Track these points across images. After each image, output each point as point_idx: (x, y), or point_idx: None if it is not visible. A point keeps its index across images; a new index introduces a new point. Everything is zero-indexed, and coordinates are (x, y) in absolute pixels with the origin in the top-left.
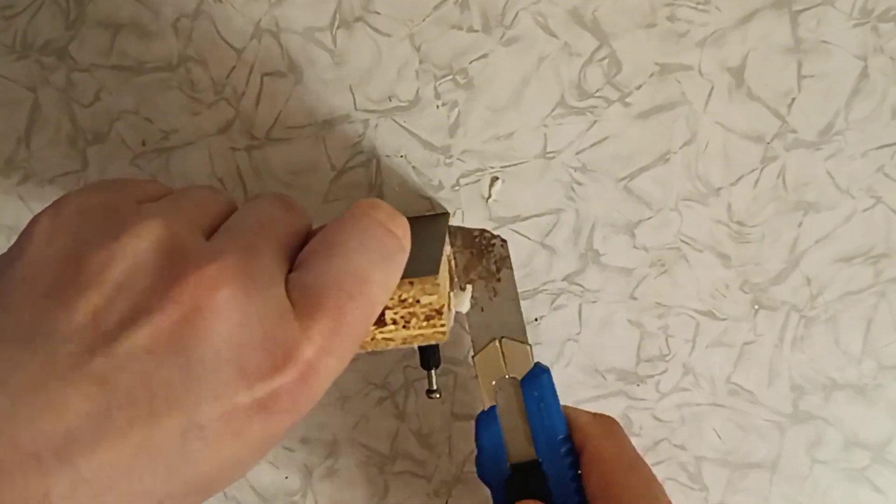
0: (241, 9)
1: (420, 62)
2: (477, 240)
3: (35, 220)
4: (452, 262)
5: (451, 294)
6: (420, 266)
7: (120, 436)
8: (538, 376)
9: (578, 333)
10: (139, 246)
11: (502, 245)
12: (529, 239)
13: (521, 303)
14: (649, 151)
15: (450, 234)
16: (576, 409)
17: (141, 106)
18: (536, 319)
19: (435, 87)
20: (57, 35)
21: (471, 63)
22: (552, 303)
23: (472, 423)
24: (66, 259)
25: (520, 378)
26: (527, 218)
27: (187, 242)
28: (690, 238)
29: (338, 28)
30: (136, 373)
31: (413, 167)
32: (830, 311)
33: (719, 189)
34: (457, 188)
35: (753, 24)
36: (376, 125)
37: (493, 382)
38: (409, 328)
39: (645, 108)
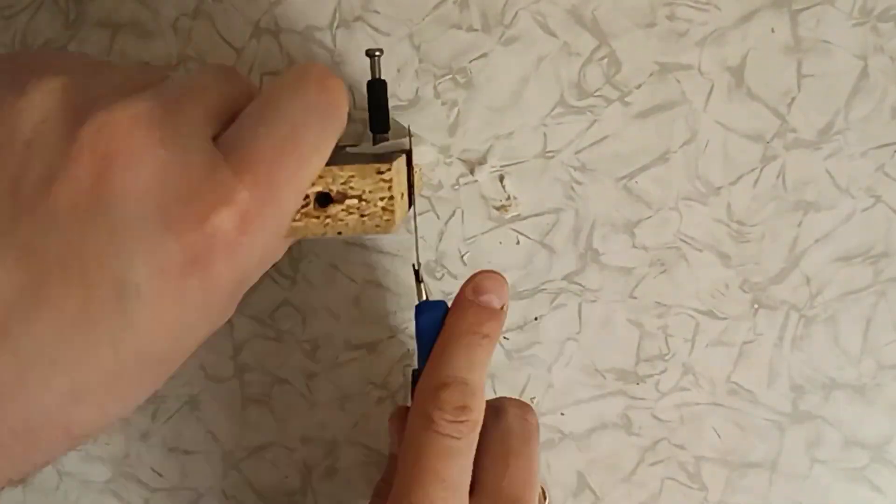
0: (240, 8)
1: (419, 61)
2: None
3: None
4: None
5: (405, 194)
6: (375, 160)
7: (54, 302)
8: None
9: (578, 333)
10: (42, 100)
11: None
12: (529, 238)
13: (521, 301)
14: (649, 151)
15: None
16: None
17: None
18: (536, 318)
19: (434, 87)
20: (56, 35)
21: (470, 62)
22: (552, 302)
23: None
24: None
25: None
26: (526, 217)
27: (98, 93)
28: (690, 237)
29: (337, 27)
30: (60, 236)
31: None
32: (830, 311)
33: (719, 188)
34: (456, 187)
35: (753, 23)
36: None
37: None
38: (360, 214)
39: (644, 108)
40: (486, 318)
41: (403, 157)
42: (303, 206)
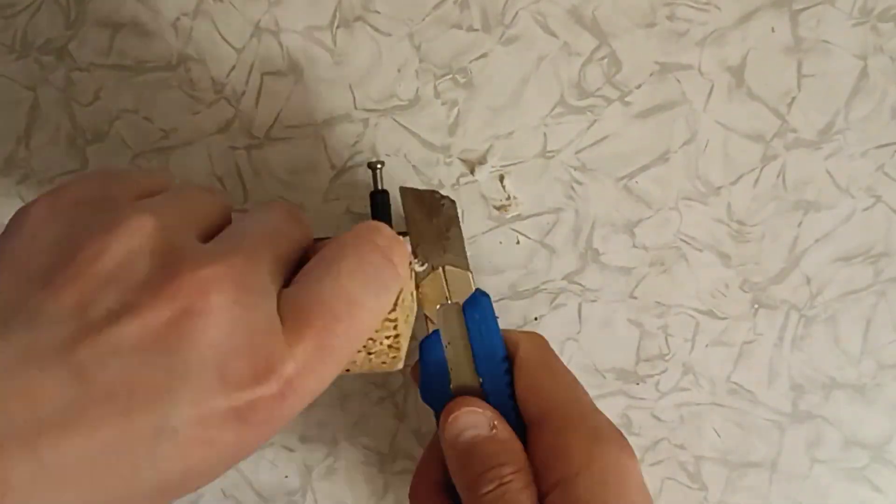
0: (240, 8)
1: (420, 61)
2: (427, 201)
3: (31, 205)
4: (413, 293)
5: (409, 323)
6: None
7: (90, 429)
8: (478, 300)
9: (578, 332)
10: (133, 240)
11: (451, 205)
12: (529, 238)
13: (520, 302)
14: (649, 151)
15: (402, 195)
16: (509, 329)
17: (140, 105)
18: (536, 318)
19: (435, 87)
20: (57, 34)
21: (470, 62)
22: (552, 302)
23: None
24: (57, 246)
25: (462, 302)
26: (526, 217)
27: (183, 243)
28: (690, 237)
29: (338, 27)
30: (117, 368)
31: (413, 166)
32: (830, 311)
33: (719, 188)
34: (456, 187)
35: (753, 23)
36: (376, 124)
37: (437, 307)
38: (367, 353)
39: (645, 108)
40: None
41: (410, 285)
42: None
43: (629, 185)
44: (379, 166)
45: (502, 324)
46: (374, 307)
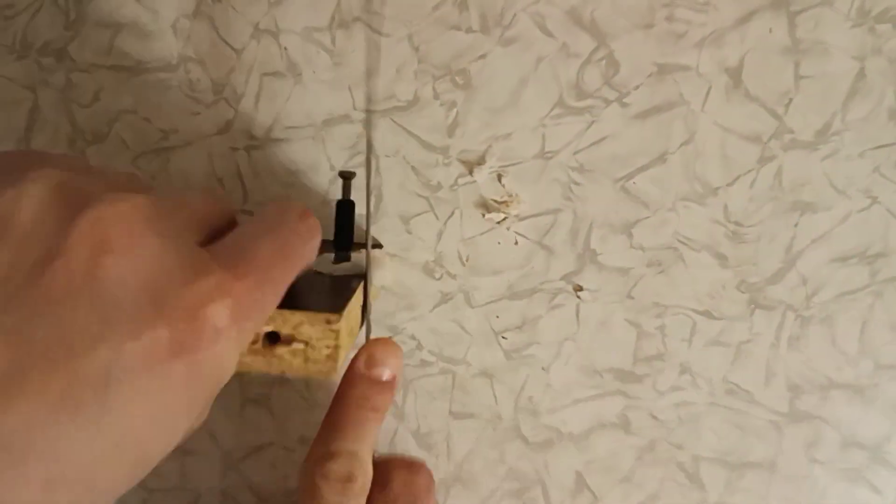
0: (240, 9)
1: (419, 62)
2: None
3: None
4: (359, 312)
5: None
6: (327, 303)
7: (36, 390)
8: None
9: (576, 333)
10: (40, 191)
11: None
12: (527, 239)
13: (519, 302)
14: (647, 152)
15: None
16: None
17: (140, 106)
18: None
19: (433, 88)
20: (56, 35)
21: (469, 63)
22: (550, 302)
23: (471, 422)
24: None
25: None
26: (525, 218)
27: (93, 186)
28: (688, 238)
29: (337, 28)
30: (50, 321)
31: (412, 167)
32: (827, 311)
33: (717, 189)
34: (455, 188)
35: (751, 24)
36: (375, 125)
37: None
38: (305, 358)
39: (643, 109)
40: (376, 391)
41: (359, 291)
42: (252, 343)
43: (627, 186)
44: (349, 176)
45: (501, 324)
46: (300, 251)
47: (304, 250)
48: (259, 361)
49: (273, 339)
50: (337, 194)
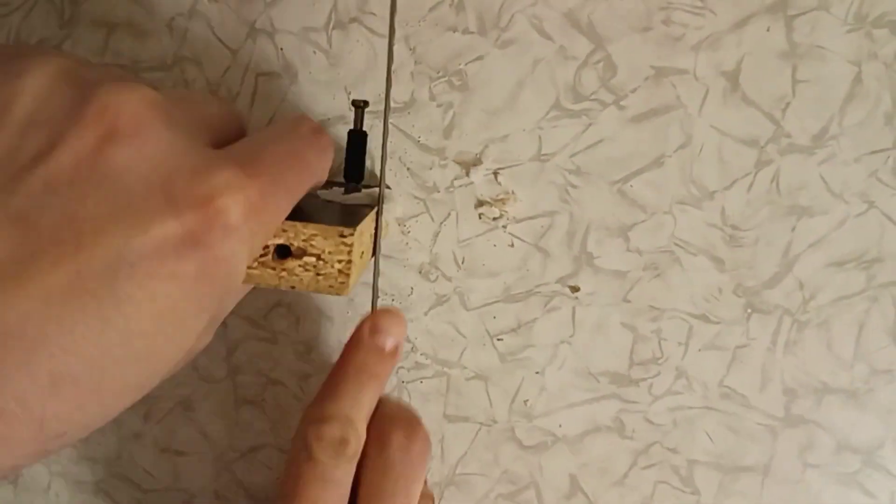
0: (236, 9)
1: (415, 63)
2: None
3: None
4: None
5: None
6: (340, 220)
7: (42, 275)
8: None
9: (571, 336)
10: (45, 77)
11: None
12: (524, 241)
13: (515, 304)
14: (644, 155)
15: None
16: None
17: None
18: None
19: (430, 89)
20: (51, 34)
21: (466, 65)
22: (545, 305)
23: (465, 425)
24: None
25: None
26: (521, 220)
27: (100, 75)
28: (684, 241)
29: (333, 29)
30: (57, 206)
31: (407, 169)
32: (823, 316)
33: (713, 193)
34: (451, 190)
35: (748, 28)
36: (371, 126)
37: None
38: (316, 273)
39: (640, 112)
40: (378, 359)
41: (370, 216)
42: (261, 256)
43: (624, 189)
44: (362, 105)
45: (496, 327)
46: (313, 160)
47: (317, 162)
48: (269, 275)
49: (283, 253)
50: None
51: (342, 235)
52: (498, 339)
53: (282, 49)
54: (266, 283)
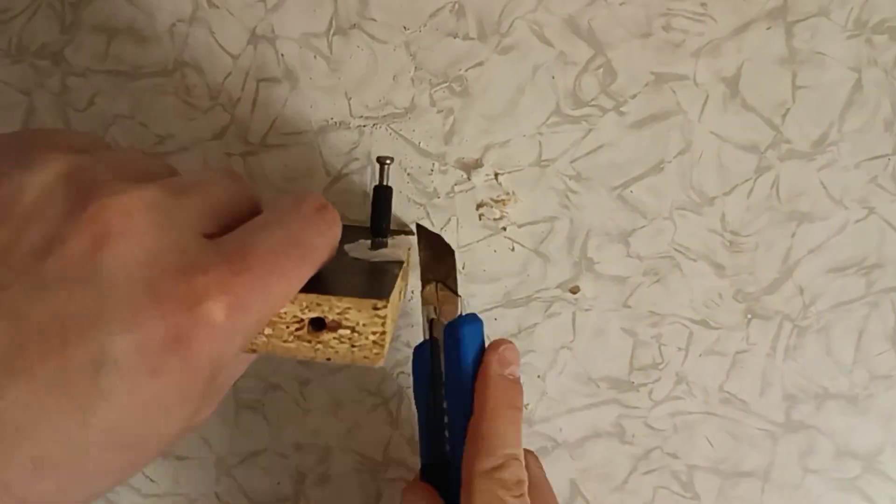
0: (237, 15)
1: (416, 69)
2: (435, 242)
3: None
4: (401, 294)
5: (392, 319)
6: (371, 289)
7: (30, 370)
8: (459, 325)
9: (572, 341)
10: (49, 175)
11: (452, 254)
12: (524, 246)
13: (515, 310)
14: (644, 160)
15: (417, 230)
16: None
17: (136, 111)
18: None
19: (430, 95)
20: (52, 39)
21: (466, 71)
22: (546, 310)
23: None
24: None
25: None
26: (522, 225)
27: (101, 176)
28: (684, 247)
29: (334, 35)
30: (47, 303)
31: (408, 174)
32: (823, 321)
33: (713, 198)
34: (451, 195)
35: (748, 34)
36: (371, 132)
37: (429, 320)
38: (351, 345)
39: (640, 118)
40: (517, 391)
41: (399, 278)
42: (297, 329)
43: (624, 195)
44: (388, 162)
45: (497, 332)
46: (314, 247)
47: (319, 242)
48: (304, 348)
49: (318, 325)
50: (333, 201)
51: (376, 308)
52: None
53: (283, 55)
54: (303, 355)
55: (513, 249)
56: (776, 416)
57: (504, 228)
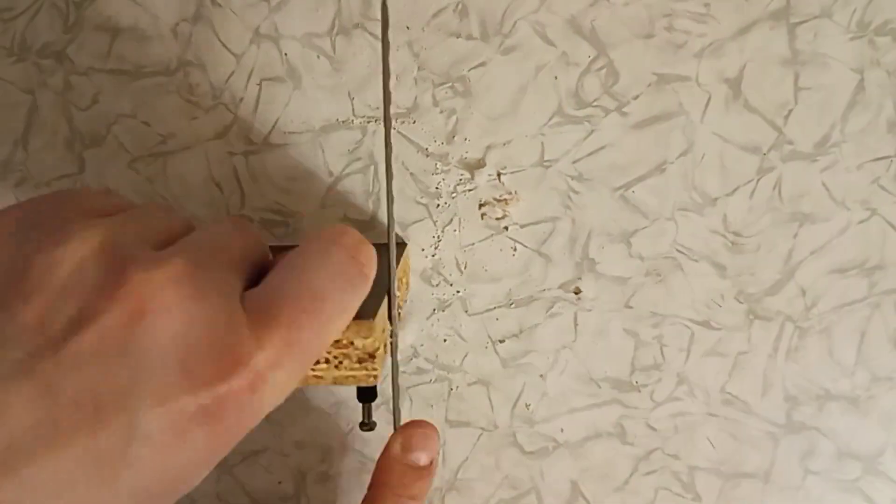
0: (240, 14)
1: (419, 69)
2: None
3: None
4: (398, 300)
5: (389, 336)
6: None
7: (64, 443)
8: None
9: (573, 341)
10: (83, 249)
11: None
12: (526, 247)
13: (517, 309)
14: (646, 161)
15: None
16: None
17: (139, 110)
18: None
19: (433, 94)
20: (55, 38)
21: (469, 71)
22: (547, 310)
23: (467, 430)
24: (9, 266)
25: None
26: (524, 226)
27: (133, 248)
28: (686, 248)
29: (337, 34)
30: (81, 377)
31: (411, 174)
32: (825, 322)
33: (715, 199)
34: (454, 195)
35: (751, 35)
36: (374, 131)
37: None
38: (340, 369)
39: (642, 118)
40: (414, 478)
41: (384, 303)
42: None
43: (626, 195)
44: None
45: (498, 332)
46: (341, 301)
47: (357, 289)
48: (301, 381)
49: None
50: (335, 200)
51: (364, 327)
52: (500, 343)
53: (286, 54)
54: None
55: (515, 249)
56: (777, 417)
57: (506, 228)
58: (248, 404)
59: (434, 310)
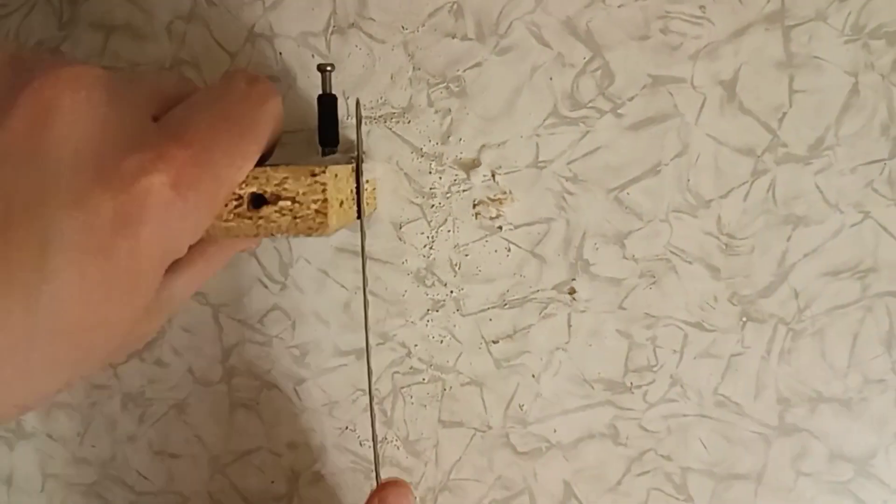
0: (235, 12)
1: (413, 69)
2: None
3: None
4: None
5: (346, 199)
6: (310, 162)
7: None
8: None
9: (567, 342)
10: None
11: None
12: (520, 247)
13: (511, 311)
14: (640, 163)
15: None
16: None
17: None
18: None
19: (428, 95)
20: (49, 35)
21: (464, 71)
22: (541, 311)
23: (460, 430)
24: None
25: None
26: (518, 226)
27: (47, 58)
28: (680, 249)
29: (332, 33)
30: None
31: (405, 174)
32: (817, 325)
33: (710, 201)
34: (448, 195)
35: (746, 38)
36: (369, 131)
37: None
38: (293, 216)
39: (637, 120)
40: None
41: (347, 167)
42: (236, 207)
43: (620, 197)
44: (329, 69)
45: (492, 333)
46: (252, 119)
47: (257, 114)
48: (246, 225)
49: (259, 202)
50: None
51: (314, 174)
52: (493, 343)
53: (280, 53)
54: (245, 233)
55: (509, 250)
56: (770, 419)
57: (500, 228)
58: (169, 209)
59: (428, 310)
